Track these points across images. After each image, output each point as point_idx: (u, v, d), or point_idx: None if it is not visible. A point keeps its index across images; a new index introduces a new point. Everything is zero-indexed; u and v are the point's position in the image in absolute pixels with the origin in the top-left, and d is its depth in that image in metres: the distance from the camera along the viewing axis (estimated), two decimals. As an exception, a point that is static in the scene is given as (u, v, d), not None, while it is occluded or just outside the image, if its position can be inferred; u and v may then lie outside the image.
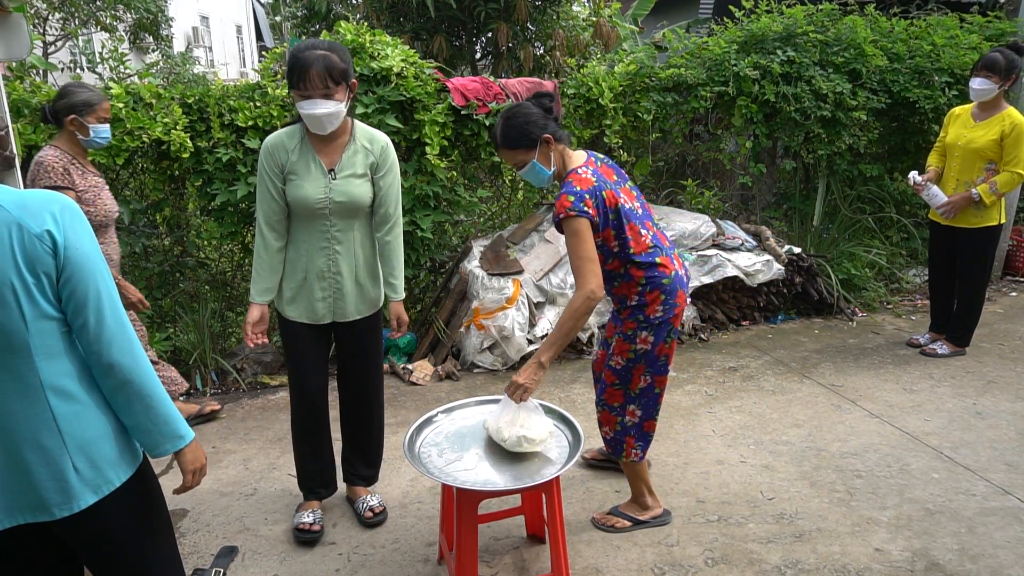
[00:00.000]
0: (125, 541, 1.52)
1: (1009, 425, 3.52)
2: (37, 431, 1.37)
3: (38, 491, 1.38)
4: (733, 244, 4.84)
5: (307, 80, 2.27)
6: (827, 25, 5.27)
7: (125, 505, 1.50)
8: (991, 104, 3.96)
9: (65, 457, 1.39)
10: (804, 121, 5.10)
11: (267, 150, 2.46)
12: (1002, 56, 3.83)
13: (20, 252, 1.29)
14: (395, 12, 7.04)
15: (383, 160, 2.54)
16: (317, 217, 2.49)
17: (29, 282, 1.30)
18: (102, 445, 1.45)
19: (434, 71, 4.32)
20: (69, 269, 1.34)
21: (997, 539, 2.65)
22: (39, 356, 1.35)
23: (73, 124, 3.07)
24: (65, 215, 1.34)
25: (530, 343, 4.25)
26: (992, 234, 4.11)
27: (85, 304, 1.37)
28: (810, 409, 3.73)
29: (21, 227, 1.29)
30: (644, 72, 4.92)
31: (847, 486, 3.01)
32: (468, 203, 4.57)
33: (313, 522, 2.73)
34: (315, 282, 2.56)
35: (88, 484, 1.42)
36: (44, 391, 1.37)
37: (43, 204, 1.33)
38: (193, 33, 20.00)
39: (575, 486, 3.04)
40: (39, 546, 1.49)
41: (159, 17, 12.71)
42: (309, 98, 2.29)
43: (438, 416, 2.45)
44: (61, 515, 1.41)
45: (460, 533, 2.17)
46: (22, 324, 1.31)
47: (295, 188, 2.44)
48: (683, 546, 2.64)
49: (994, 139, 3.90)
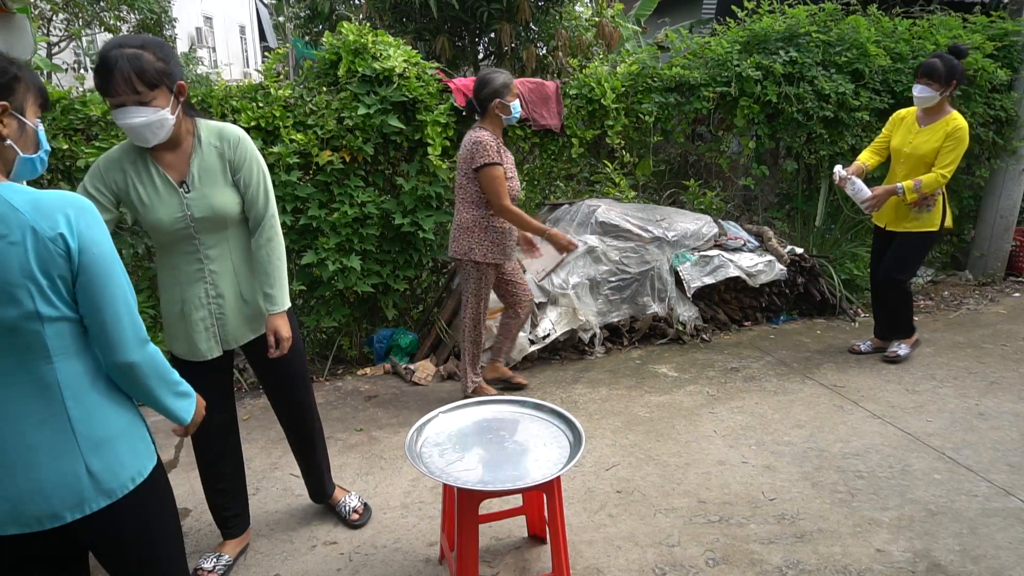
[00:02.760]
0: (137, 541, 1.53)
1: (1011, 426, 3.51)
2: (52, 432, 1.37)
3: (49, 496, 1.37)
4: (735, 244, 4.84)
5: (112, 84, 1.90)
6: (830, 25, 5.26)
7: (138, 506, 1.50)
8: (935, 109, 3.88)
9: (79, 459, 1.40)
10: (806, 122, 5.10)
11: (95, 173, 2.09)
12: (941, 62, 3.75)
13: (34, 255, 1.29)
14: (398, 13, 7.05)
15: (240, 155, 2.21)
16: (181, 240, 2.18)
17: (44, 284, 1.31)
18: (117, 446, 1.45)
19: (436, 72, 4.33)
20: (84, 272, 1.34)
21: (999, 540, 2.65)
22: (56, 356, 1.36)
23: (498, 107, 3.40)
24: (81, 218, 1.34)
25: (532, 343, 4.26)
26: (929, 238, 4.06)
27: (101, 307, 1.37)
28: (812, 410, 3.73)
29: (35, 230, 1.29)
30: (646, 72, 4.92)
31: (849, 487, 3.01)
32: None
33: (211, 569, 2.48)
34: (193, 312, 2.25)
35: (101, 487, 1.43)
36: (61, 391, 1.37)
37: (58, 206, 1.32)
38: (197, 34, 20.05)
39: (576, 486, 3.04)
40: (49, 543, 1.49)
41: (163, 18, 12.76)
42: (122, 106, 1.93)
43: (440, 416, 2.45)
44: (73, 518, 1.41)
45: (461, 533, 2.17)
46: (39, 325, 1.32)
47: (145, 213, 2.11)
48: (684, 546, 2.64)
49: (938, 146, 3.83)
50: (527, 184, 5.26)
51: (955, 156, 3.80)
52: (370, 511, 2.88)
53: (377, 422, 3.68)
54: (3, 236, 1.27)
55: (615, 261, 4.52)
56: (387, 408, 3.84)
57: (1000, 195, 5.81)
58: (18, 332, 1.31)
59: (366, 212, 4.12)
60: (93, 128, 3.76)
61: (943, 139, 3.82)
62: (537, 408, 2.48)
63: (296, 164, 3.97)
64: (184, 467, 3.29)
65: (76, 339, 1.39)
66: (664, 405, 3.80)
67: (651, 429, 3.54)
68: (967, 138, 3.82)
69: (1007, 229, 5.90)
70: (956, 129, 3.79)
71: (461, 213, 3.53)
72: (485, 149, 3.35)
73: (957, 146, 3.80)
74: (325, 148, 4.04)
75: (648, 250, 4.60)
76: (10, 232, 1.28)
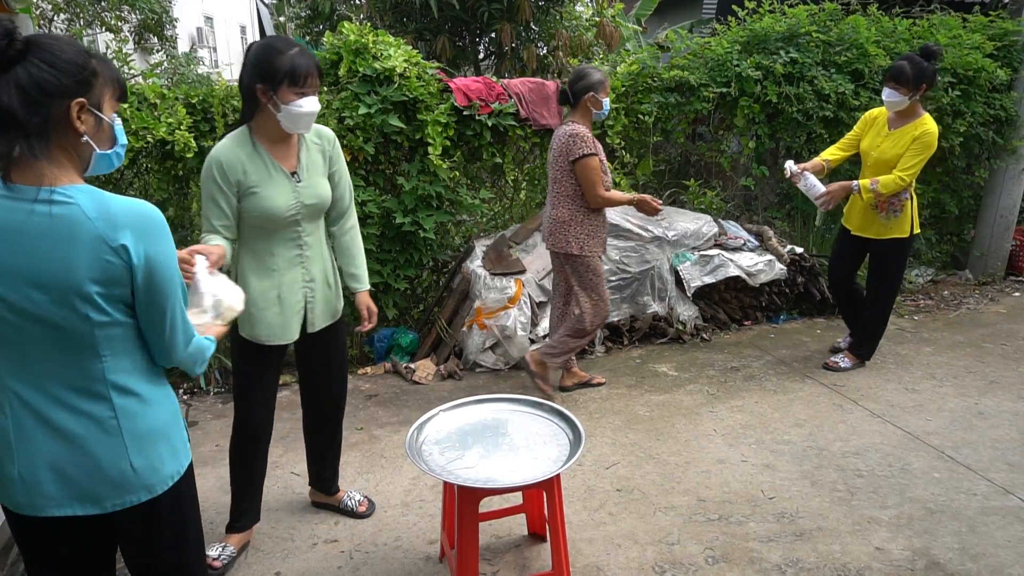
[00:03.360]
0: (172, 537, 1.56)
1: (1011, 425, 3.52)
2: (100, 427, 1.40)
3: (94, 485, 1.41)
4: (735, 244, 4.85)
5: (310, 78, 2.19)
6: (830, 25, 5.27)
7: (176, 502, 1.54)
8: (906, 112, 3.78)
9: (124, 454, 1.43)
10: (806, 122, 5.10)
11: (221, 166, 2.24)
12: (910, 65, 3.63)
13: (96, 264, 1.30)
14: (398, 12, 7.06)
15: (336, 153, 2.47)
16: (287, 226, 2.34)
17: (101, 292, 1.32)
18: (158, 443, 1.48)
19: (437, 71, 4.34)
20: (146, 285, 1.36)
21: (998, 538, 2.65)
22: (106, 355, 1.39)
23: (591, 101, 3.50)
24: (148, 230, 1.34)
25: (532, 343, 4.26)
26: (902, 245, 3.95)
27: (162, 318, 1.41)
28: (812, 409, 3.73)
29: (103, 240, 1.29)
30: (646, 72, 4.93)
31: (848, 485, 3.02)
32: (470, 203, 4.58)
33: (216, 557, 2.53)
34: (290, 296, 2.40)
35: (143, 482, 1.46)
36: (108, 388, 1.40)
37: (127, 218, 1.32)
38: (197, 34, 20.06)
39: (576, 484, 3.05)
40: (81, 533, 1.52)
41: (163, 18, 12.77)
42: (305, 95, 2.20)
43: (440, 415, 2.46)
44: (112, 508, 1.44)
45: (461, 531, 2.18)
46: (91, 327, 1.35)
47: (260, 201, 2.27)
48: (684, 545, 2.65)
49: (903, 151, 3.75)
50: (527, 184, 5.27)
51: (919, 160, 3.71)
52: (373, 504, 2.91)
53: (378, 421, 3.69)
54: (71, 242, 1.28)
55: (615, 260, 4.53)
56: (387, 407, 3.85)
57: (1000, 195, 5.82)
58: (70, 331, 1.34)
59: (367, 211, 4.13)
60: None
61: (909, 143, 3.72)
62: (537, 406, 2.48)
63: (297, 164, 3.98)
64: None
65: (127, 340, 1.42)
66: (664, 404, 3.81)
67: (651, 428, 3.55)
68: (935, 143, 3.72)
69: (1007, 229, 5.90)
70: (924, 133, 3.70)
71: (558, 208, 3.58)
72: (583, 140, 3.43)
73: (923, 151, 3.70)
74: (326, 148, 4.04)
75: (648, 249, 4.61)
76: (78, 239, 1.28)
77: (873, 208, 3.90)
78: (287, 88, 2.18)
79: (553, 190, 3.60)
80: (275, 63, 2.17)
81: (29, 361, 1.35)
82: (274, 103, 2.20)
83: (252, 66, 2.20)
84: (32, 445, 1.38)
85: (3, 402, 1.38)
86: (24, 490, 1.40)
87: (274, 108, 2.21)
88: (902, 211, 3.86)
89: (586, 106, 3.52)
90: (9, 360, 1.36)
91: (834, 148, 4.12)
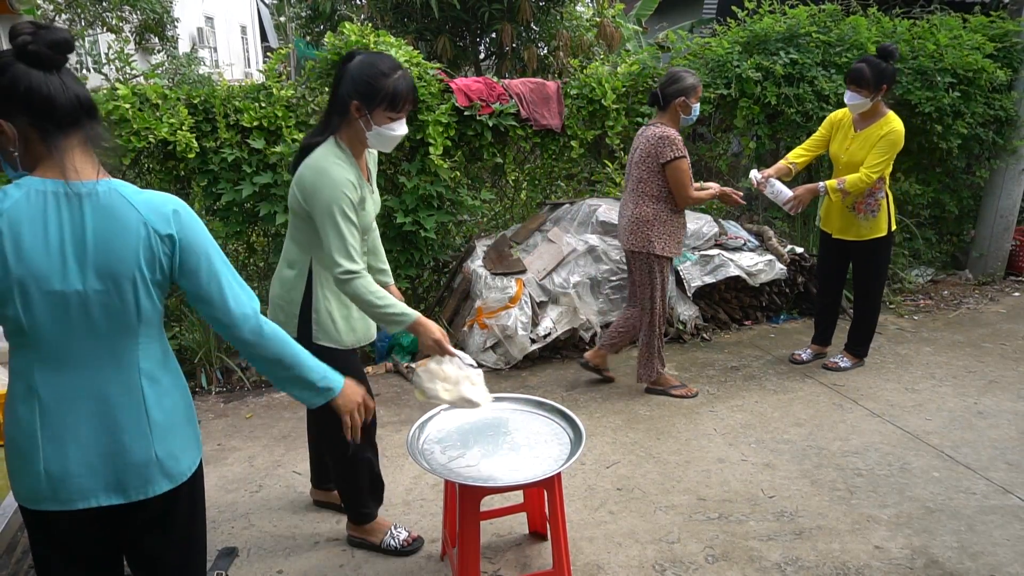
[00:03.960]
0: (184, 527, 1.59)
1: (1010, 424, 3.53)
2: (130, 415, 1.44)
3: (121, 472, 1.44)
4: (735, 244, 4.86)
5: (407, 103, 2.21)
6: (830, 25, 5.27)
7: (189, 493, 1.56)
8: (870, 113, 3.79)
9: (149, 443, 1.46)
10: (806, 123, 5.11)
11: (352, 184, 2.20)
12: (868, 67, 3.63)
13: (145, 250, 1.37)
14: (399, 13, 7.07)
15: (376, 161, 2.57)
16: (366, 232, 2.37)
17: (148, 278, 1.39)
18: (179, 433, 1.52)
19: (438, 72, 4.35)
20: (190, 268, 1.44)
21: (996, 537, 2.66)
22: (142, 341, 1.44)
23: (680, 105, 3.49)
24: (181, 215, 1.43)
25: (533, 342, 4.28)
26: (882, 244, 3.96)
27: (211, 298, 1.46)
28: (811, 408, 3.74)
29: (148, 227, 1.37)
30: (647, 73, 4.94)
31: (847, 484, 3.03)
32: (471, 203, 4.59)
33: (410, 532, 2.66)
34: None
35: (165, 471, 1.49)
36: (139, 375, 1.44)
37: (161, 204, 1.41)
38: (198, 34, 20.07)
39: (577, 483, 3.06)
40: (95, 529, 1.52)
41: (164, 18, 12.79)
42: (399, 120, 2.23)
43: (441, 414, 2.47)
44: (136, 498, 1.46)
45: (462, 529, 2.19)
46: (135, 314, 1.40)
47: (365, 216, 2.29)
48: (684, 543, 2.66)
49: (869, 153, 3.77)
50: (528, 183, 5.28)
51: (885, 158, 3.72)
52: None
53: (379, 420, 3.70)
54: (120, 229, 1.35)
55: (616, 260, 4.54)
56: (389, 406, 3.86)
57: (1000, 195, 5.82)
58: (115, 318, 1.38)
59: (368, 211, 4.14)
60: (97, 128, 3.78)
61: (876, 142, 3.74)
62: (538, 406, 2.49)
63: (298, 164, 3.99)
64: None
65: (157, 326, 1.48)
66: (664, 403, 3.82)
67: (651, 427, 3.56)
68: (901, 140, 3.74)
69: (1007, 229, 5.91)
70: (890, 132, 3.71)
71: (641, 207, 3.61)
72: (673, 143, 3.47)
73: (889, 149, 3.72)
74: (327, 148, 4.05)
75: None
76: (127, 226, 1.36)
77: (850, 210, 3.91)
78: (383, 111, 2.19)
79: (637, 189, 3.62)
80: (377, 85, 2.16)
81: (66, 351, 1.38)
82: (367, 122, 2.21)
83: (353, 81, 2.19)
84: (62, 437, 1.39)
85: (28, 397, 1.39)
86: (49, 484, 1.40)
87: (365, 126, 2.22)
88: (879, 210, 3.88)
89: (675, 109, 3.53)
90: (42, 352, 1.38)
91: (800, 149, 4.11)
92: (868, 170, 3.72)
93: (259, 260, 4.64)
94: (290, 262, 2.38)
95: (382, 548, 2.61)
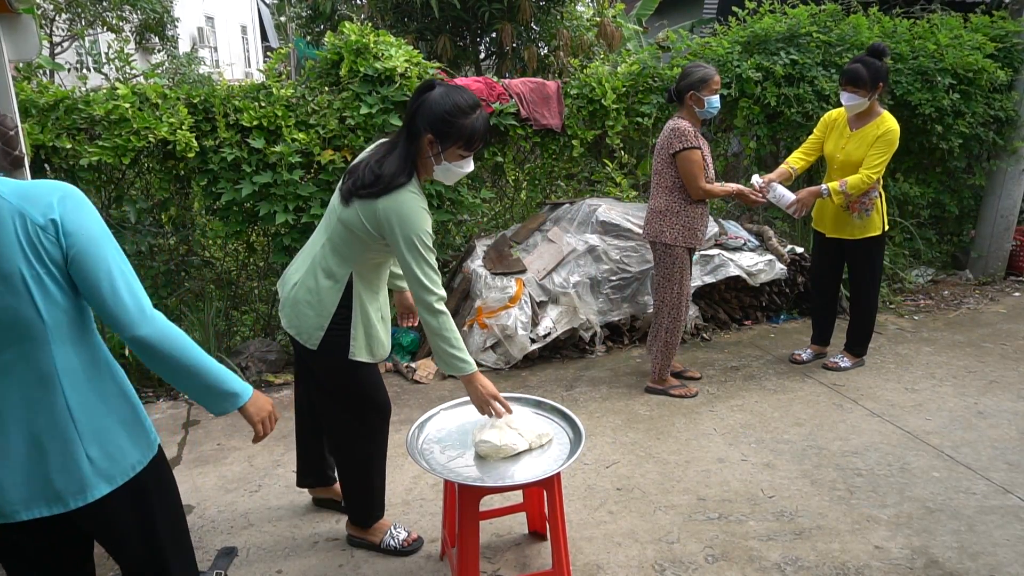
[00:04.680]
0: (138, 529, 1.55)
1: (1010, 424, 3.52)
2: (53, 420, 1.39)
3: (53, 482, 1.40)
4: (736, 244, 4.85)
5: (481, 144, 2.23)
6: (830, 25, 5.27)
7: (138, 493, 1.52)
8: (866, 112, 3.81)
9: (79, 446, 1.41)
10: (806, 123, 5.10)
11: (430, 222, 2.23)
12: (863, 67, 3.65)
13: (25, 241, 1.30)
14: (399, 12, 7.07)
15: None
16: None
17: (38, 271, 1.32)
18: (116, 434, 1.47)
19: (438, 71, 4.35)
20: (76, 255, 1.35)
21: (996, 537, 2.66)
22: (55, 344, 1.37)
23: (692, 99, 3.56)
24: (67, 202, 1.35)
25: (532, 342, 4.27)
26: (877, 243, 3.99)
27: (99, 287, 1.37)
28: (811, 408, 3.74)
29: (24, 216, 1.30)
30: (647, 72, 4.94)
31: (847, 484, 3.03)
32: (471, 203, 4.59)
33: (409, 533, 2.67)
34: (388, 314, 2.48)
35: (102, 474, 1.45)
36: (59, 379, 1.39)
37: (44, 193, 1.34)
38: (198, 34, 20.07)
39: (576, 483, 3.06)
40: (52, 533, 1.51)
41: (165, 18, 12.79)
42: (469, 157, 2.25)
43: (441, 414, 2.47)
44: (76, 505, 1.43)
45: (462, 529, 2.19)
46: (35, 312, 1.34)
47: None
48: (684, 543, 2.66)
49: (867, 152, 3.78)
50: (528, 183, 5.28)
51: (884, 158, 3.73)
52: None
53: (379, 420, 3.70)
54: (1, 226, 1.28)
55: (616, 260, 4.54)
56: (388, 406, 3.85)
57: (1000, 195, 5.82)
58: (17, 321, 1.33)
59: (368, 211, 4.14)
60: (96, 127, 3.78)
61: (873, 142, 3.75)
62: (538, 405, 2.49)
63: (298, 163, 4.00)
64: (187, 464, 3.31)
65: (73, 327, 1.40)
66: (664, 403, 3.82)
67: (651, 427, 3.56)
68: (897, 140, 3.75)
69: (1007, 229, 5.91)
70: (887, 132, 3.73)
71: (656, 198, 3.72)
72: (683, 134, 3.52)
73: (887, 148, 3.73)
74: (327, 147, 4.06)
75: (649, 249, 4.61)
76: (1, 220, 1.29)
77: (845, 210, 3.91)
78: (457, 149, 2.19)
79: (654, 181, 3.74)
80: (456, 124, 2.14)
81: None
82: (437, 156, 2.20)
83: (430, 115, 2.15)
84: None
85: None
86: None
87: (435, 160, 2.21)
88: (873, 209, 3.90)
89: (689, 104, 3.59)
90: None
91: (799, 154, 4.11)
92: (869, 171, 3.73)
93: (259, 260, 4.63)
94: (328, 272, 2.31)
95: (381, 548, 2.61)
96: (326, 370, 2.43)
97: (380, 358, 2.44)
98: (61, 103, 3.72)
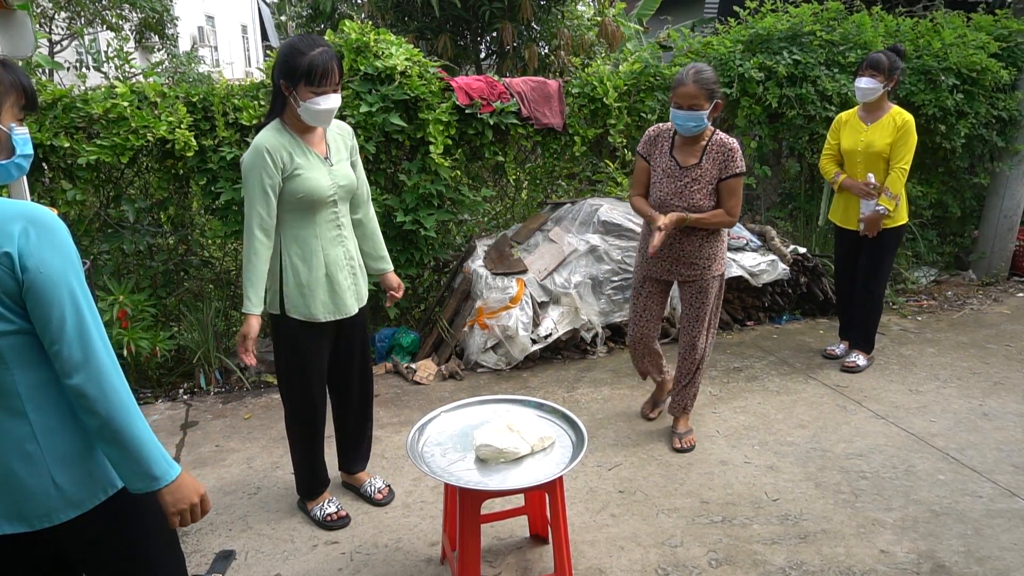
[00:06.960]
0: (116, 553, 1.49)
1: (1016, 426, 3.50)
2: (20, 443, 1.34)
3: (19, 502, 1.36)
4: (738, 244, 4.82)
5: (329, 76, 2.34)
6: (833, 24, 5.24)
7: (113, 517, 1.46)
8: (876, 105, 3.89)
9: (45, 471, 1.36)
10: (807, 124, 5.08)
11: (268, 151, 2.40)
12: (885, 57, 3.81)
13: None
14: (400, 11, 7.04)
15: (354, 144, 2.70)
16: (325, 206, 2.52)
17: None
18: (85, 459, 1.40)
19: (438, 70, 4.32)
20: (31, 291, 1.27)
21: (1003, 541, 2.63)
22: (15, 367, 1.31)
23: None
24: (31, 232, 1.26)
25: (534, 343, 4.25)
26: (899, 233, 4.07)
27: (48, 326, 1.29)
28: (815, 410, 3.71)
29: None
30: (649, 71, 4.91)
31: (852, 487, 3.00)
32: (472, 202, 4.56)
33: (338, 509, 2.82)
34: (337, 273, 2.58)
35: (69, 499, 1.38)
36: (23, 403, 1.33)
37: (6, 220, 1.25)
38: (199, 32, 20.06)
39: (578, 485, 3.03)
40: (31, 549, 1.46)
41: (165, 16, 12.76)
42: (323, 94, 2.35)
43: (441, 416, 2.44)
44: (40, 527, 1.38)
45: (463, 533, 2.16)
46: None
47: (304, 182, 2.44)
48: (687, 547, 2.63)
49: (891, 140, 3.85)
50: (529, 183, 5.25)
51: (908, 149, 3.84)
52: (393, 493, 2.98)
53: (378, 421, 3.67)
54: None
55: (617, 260, 4.51)
56: (388, 407, 3.83)
57: (1004, 195, 5.79)
58: None
59: (368, 211, 4.11)
60: (94, 126, 3.75)
61: (894, 133, 3.84)
62: (539, 407, 2.47)
63: (298, 162, 3.96)
64: (186, 466, 3.27)
65: (34, 350, 1.33)
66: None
67: (653, 429, 3.53)
68: (915, 130, 3.86)
69: (1011, 229, 5.88)
70: (905, 123, 3.84)
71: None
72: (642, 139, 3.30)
73: (908, 139, 3.83)
74: (327, 146, 4.02)
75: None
76: None
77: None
78: (304, 87, 2.34)
79: None
80: (294, 62, 2.33)
81: None
82: (295, 98, 2.37)
83: (277, 64, 2.39)
84: None
85: None
86: None
87: (295, 103, 2.38)
88: (901, 197, 3.95)
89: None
90: None
91: (831, 163, 4.15)
92: (900, 165, 3.85)
93: (258, 259, 4.60)
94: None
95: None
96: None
97: (313, 317, 2.58)
98: (59, 101, 3.70)
